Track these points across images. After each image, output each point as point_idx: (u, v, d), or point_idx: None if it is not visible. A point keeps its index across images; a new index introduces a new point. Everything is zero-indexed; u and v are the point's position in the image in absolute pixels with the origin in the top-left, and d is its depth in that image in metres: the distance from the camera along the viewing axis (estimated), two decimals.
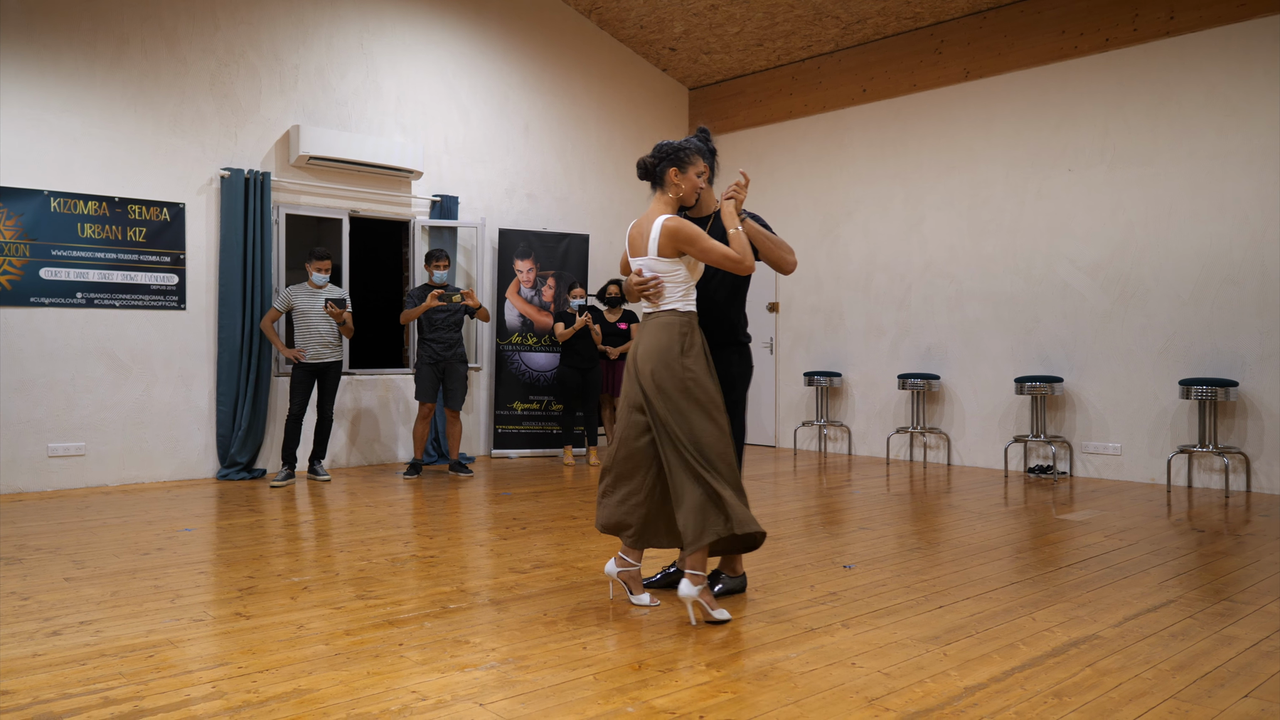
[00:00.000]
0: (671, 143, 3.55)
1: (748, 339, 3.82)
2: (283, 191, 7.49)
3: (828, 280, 9.13)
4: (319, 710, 2.57)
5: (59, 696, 2.68)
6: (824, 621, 3.41)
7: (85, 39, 6.61)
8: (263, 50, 7.40)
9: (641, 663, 2.97)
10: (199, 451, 7.11)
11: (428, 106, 8.32)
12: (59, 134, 6.52)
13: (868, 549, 4.67)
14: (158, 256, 6.91)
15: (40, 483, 6.45)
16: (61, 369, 6.52)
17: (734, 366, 3.70)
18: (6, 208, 6.30)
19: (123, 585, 3.93)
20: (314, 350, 6.87)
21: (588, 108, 9.45)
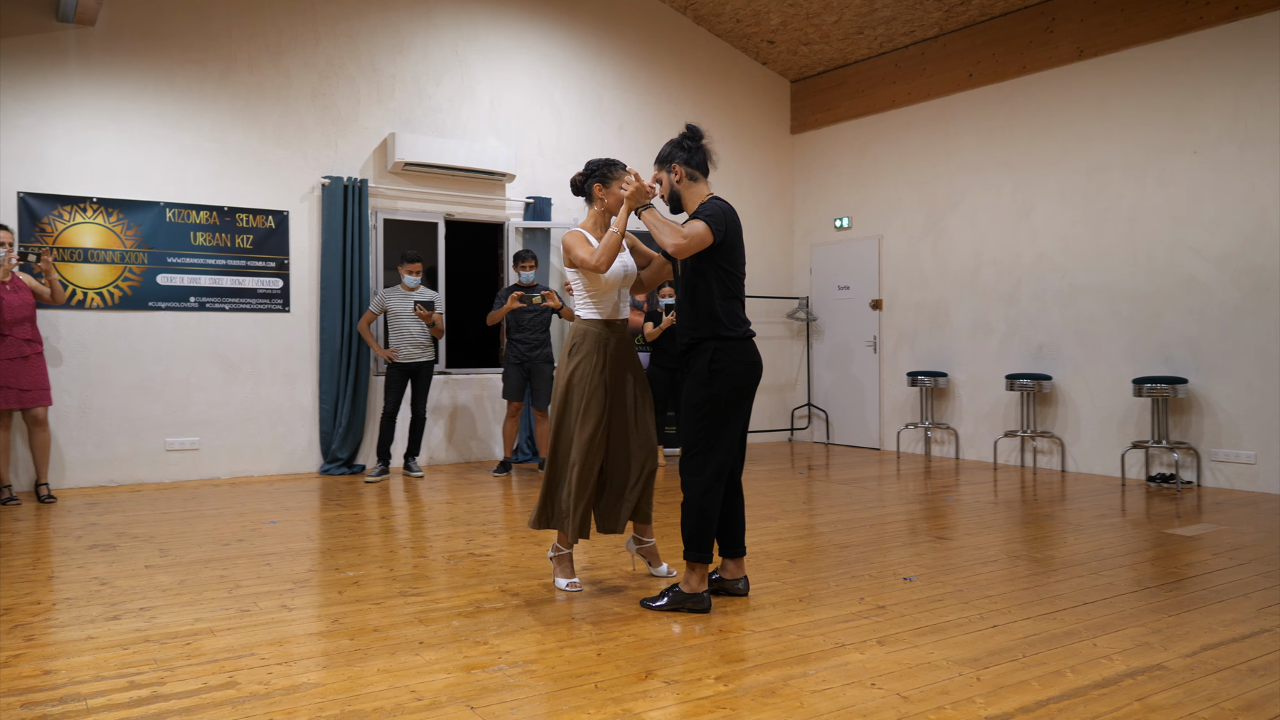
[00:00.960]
0: (598, 160, 3.84)
1: (734, 333, 3.52)
2: (380, 197, 7.75)
3: (933, 275, 8.74)
4: (316, 705, 2.62)
5: (92, 679, 2.83)
6: (859, 637, 3.24)
7: (197, 58, 7.02)
8: (361, 61, 7.68)
9: (650, 673, 2.89)
10: (303, 447, 7.44)
11: (521, 110, 8.44)
12: (173, 149, 6.95)
13: (938, 560, 4.43)
14: (263, 262, 7.28)
15: (159, 475, 6.90)
16: (177, 368, 6.95)
17: (713, 362, 3.50)
18: (127, 219, 6.76)
19: (192, 574, 4.13)
20: (406, 351, 7.07)
21: (684, 105, 9.38)
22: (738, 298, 3.57)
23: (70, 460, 6.58)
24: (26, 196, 6.44)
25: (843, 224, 9.61)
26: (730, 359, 3.50)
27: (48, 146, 6.52)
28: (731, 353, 3.50)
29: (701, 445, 3.51)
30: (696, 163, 3.65)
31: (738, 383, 3.51)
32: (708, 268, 3.53)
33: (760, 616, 3.49)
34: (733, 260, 3.56)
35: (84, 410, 6.62)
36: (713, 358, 3.50)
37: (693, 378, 3.56)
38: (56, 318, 6.52)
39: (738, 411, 3.54)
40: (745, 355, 3.54)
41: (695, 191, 3.65)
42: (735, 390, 3.51)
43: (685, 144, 3.65)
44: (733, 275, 3.55)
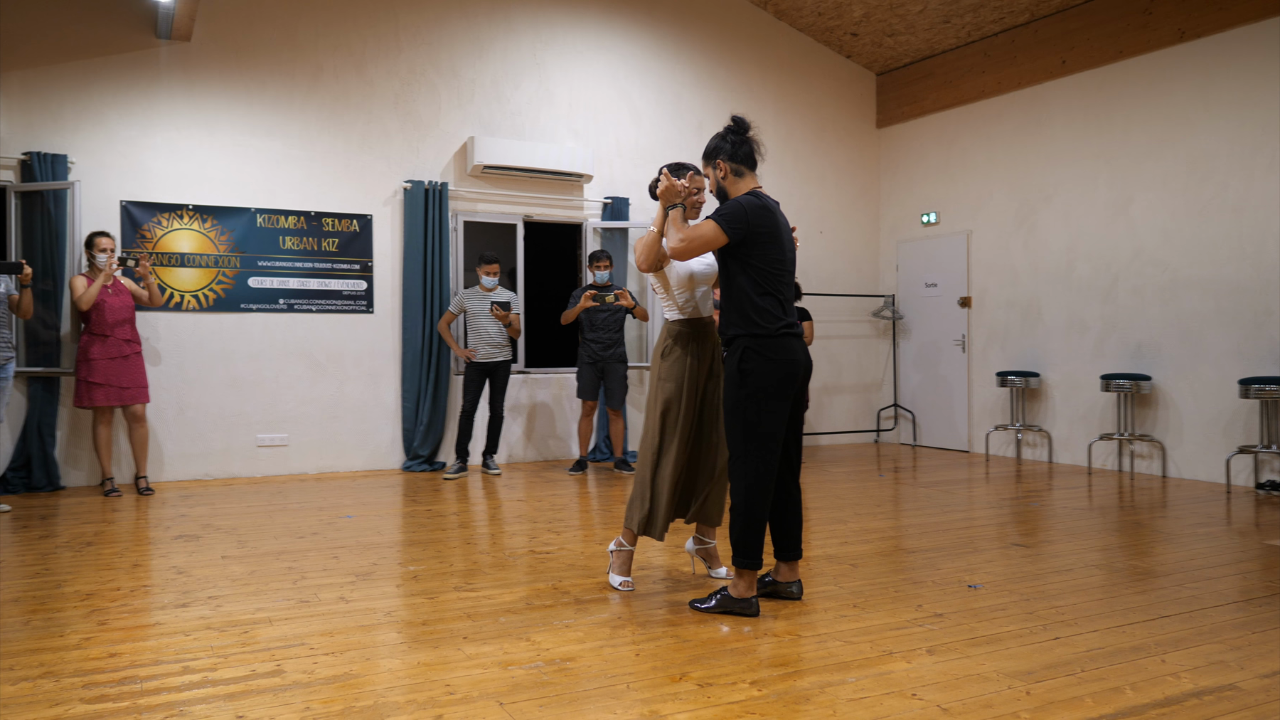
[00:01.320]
0: (671, 164, 3.78)
1: (765, 330, 3.40)
2: (460, 200, 7.90)
3: (1024, 271, 8.40)
4: (352, 695, 2.68)
5: (151, 663, 2.96)
6: (908, 645, 3.13)
7: (285, 69, 7.30)
8: (441, 68, 7.85)
9: (685, 675, 2.85)
10: (387, 444, 7.65)
11: (599, 111, 8.49)
12: (263, 157, 7.24)
13: (1010, 568, 4.25)
14: (348, 264, 7.51)
15: (250, 469, 7.19)
16: (267, 368, 7.24)
17: (743, 362, 3.43)
18: (220, 224, 7.07)
19: (263, 565, 4.29)
20: (484, 350, 7.19)
21: (764, 102, 9.27)
22: (773, 294, 3.45)
23: (168, 455, 6.92)
24: (129, 205, 6.80)
25: (930, 219, 9.34)
26: (761, 358, 3.40)
27: (147, 157, 6.87)
28: (763, 351, 3.40)
29: (740, 449, 3.45)
30: (742, 156, 3.55)
31: (768, 382, 3.40)
32: (736, 266, 3.47)
33: (809, 621, 3.41)
34: (765, 256, 3.44)
35: (181, 407, 6.96)
36: (743, 357, 3.43)
37: (727, 379, 3.51)
38: (156, 319, 6.87)
39: (773, 412, 3.42)
40: (776, 353, 3.42)
41: (739, 187, 3.57)
42: (767, 390, 3.40)
43: (730, 137, 3.56)
44: (765, 271, 3.44)
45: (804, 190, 9.49)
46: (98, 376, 6.15)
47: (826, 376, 9.57)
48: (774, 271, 3.46)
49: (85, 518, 5.48)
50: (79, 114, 6.67)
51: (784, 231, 3.54)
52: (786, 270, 3.52)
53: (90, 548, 4.67)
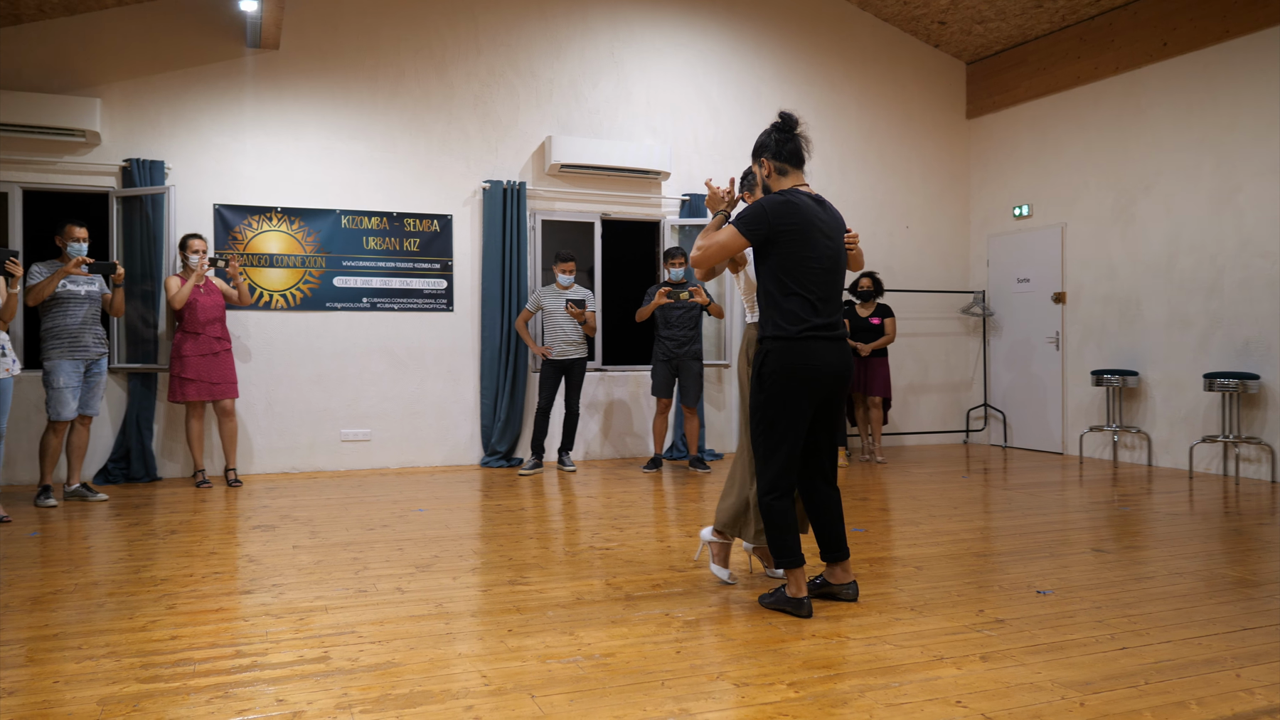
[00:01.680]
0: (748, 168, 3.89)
1: (787, 332, 3.33)
2: (538, 199, 7.98)
3: (1122, 265, 8.00)
4: (390, 683, 2.71)
5: (207, 645, 3.07)
6: (962, 651, 3.00)
7: (368, 74, 7.50)
8: (520, 69, 7.94)
9: (723, 674, 2.80)
10: (466, 440, 7.78)
11: (677, 107, 8.45)
12: (348, 160, 7.45)
13: (1087, 574, 4.04)
14: (429, 264, 7.67)
15: (335, 463, 7.41)
16: (351, 365, 7.45)
17: (764, 365, 3.40)
18: (307, 226, 7.31)
19: (330, 556, 4.40)
20: (559, 348, 7.24)
21: (848, 95, 9.07)
22: (800, 294, 3.33)
23: (257, 449, 7.19)
24: (221, 208, 7.09)
25: (1022, 212, 8.99)
26: (779, 361, 3.32)
27: (239, 161, 7.15)
28: (783, 354, 3.32)
29: (760, 452, 3.41)
30: (787, 154, 3.47)
31: (786, 385, 3.32)
32: (764, 268, 3.41)
33: (863, 623, 3.30)
34: (790, 255, 3.33)
35: (270, 403, 7.22)
36: (764, 360, 3.38)
37: (750, 381, 3.50)
38: (246, 318, 7.14)
39: (791, 416, 3.34)
40: (795, 356, 3.31)
41: (781, 185, 3.49)
42: (784, 393, 3.33)
43: (775, 135, 3.48)
44: (792, 271, 3.34)
45: (889, 184, 9.25)
46: (190, 372, 6.43)
47: (912, 375, 9.32)
48: (802, 270, 3.34)
49: (174, 508, 5.74)
50: (175, 122, 6.99)
51: (818, 228, 3.38)
52: (818, 269, 3.37)
53: (174, 536, 4.88)
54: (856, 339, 7.99)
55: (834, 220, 3.49)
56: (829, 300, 3.39)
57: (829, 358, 3.35)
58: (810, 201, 3.42)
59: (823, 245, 3.39)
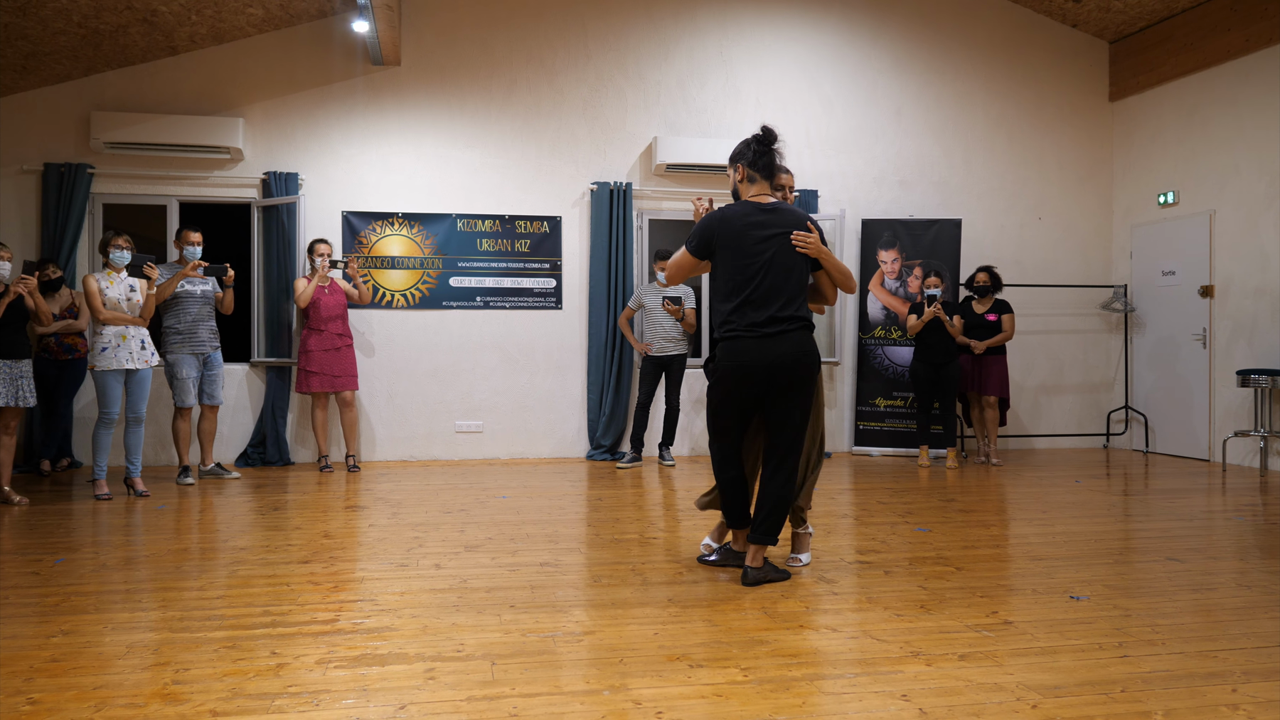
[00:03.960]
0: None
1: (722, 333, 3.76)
2: (645, 199, 8.14)
3: (1275, 255, 7.28)
4: (377, 645, 2.94)
5: (243, 605, 3.41)
6: (946, 649, 2.91)
7: (483, 84, 7.91)
8: (628, 72, 8.13)
9: (685, 655, 2.85)
10: (573, 433, 8.05)
11: (787, 103, 8.40)
12: (463, 166, 7.89)
13: (1138, 582, 3.77)
14: (539, 264, 7.99)
15: (449, 453, 7.86)
16: (465, 360, 7.87)
17: (710, 359, 3.89)
18: (425, 229, 7.79)
19: (395, 534, 4.73)
20: (659, 344, 7.38)
21: (973, 82, 8.71)
22: (734, 297, 3.67)
23: (379, 438, 7.73)
24: (349, 214, 7.68)
25: (1167, 200, 8.34)
26: (720, 356, 3.74)
27: (364, 171, 7.72)
28: (722, 351, 3.73)
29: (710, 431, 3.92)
30: (761, 165, 3.76)
31: (720, 378, 3.74)
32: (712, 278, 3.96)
33: (861, 618, 3.25)
34: (727, 262, 3.68)
35: (390, 395, 7.75)
36: (711, 355, 3.85)
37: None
38: (370, 316, 7.70)
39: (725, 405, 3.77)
40: (727, 353, 3.70)
41: (750, 193, 3.79)
42: (719, 385, 3.76)
43: (754, 146, 3.76)
44: (730, 276, 3.67)
45: (1019, 174, 8.80)
46: (314, 366, 7.01)
47: (1045, 375, 8.82)
48: (736, 274, 3.66)
49: (290, 489, 6.28)
50: (308, 136, 7.64)
51: (752, 235, 3.64)
52: (751, 271, 3.64)
53: (274, 513, 5.37)
54: (971, 336, 7.67)
55: (784, 224, 3.68)
56: (768, 299, 3.63)
57: (754, 355, 3.63)
58: (753, 210, 3.69)
59: (757, 250, 3.65)
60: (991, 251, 8.67)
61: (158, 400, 7.21)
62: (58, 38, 6.45)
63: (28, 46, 6.46)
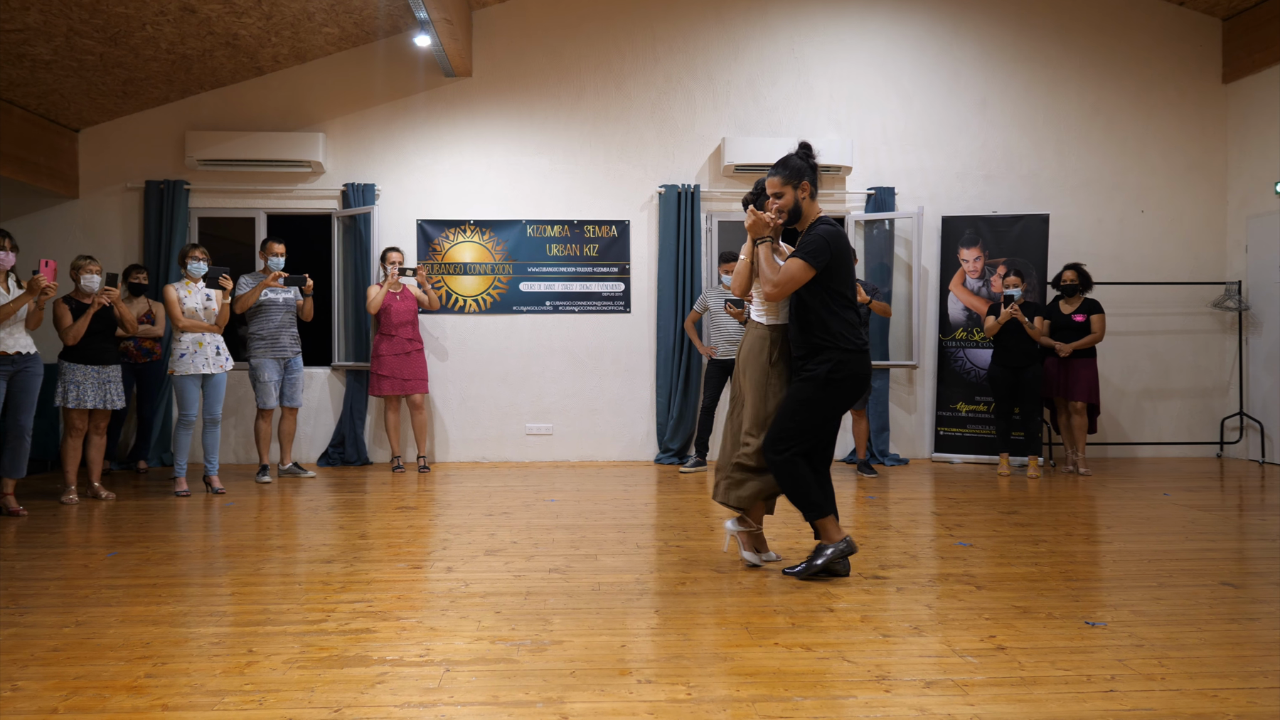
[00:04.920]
0: (763, 178, 4.06)
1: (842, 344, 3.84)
2: (714, 201, 8.07)
3: None
4: (348, 645, 3.02)
5: (248, 603, 3.56)
6: (912, 675, 2.76)
7: (551, 91, 8.01)
8: (697, 74, 8.08)
9: (642, 669, 2.81)
10: (641, 437, 8.06)
11: (863, 98, 8.16)
12: (533, 173, 8.01)
13: (1176, 609, 3.48)
14: (607, 268, 8.03)
15: (520, 455, 8.00)
16: (535, 364, 8.00)
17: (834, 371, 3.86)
18: (496, 236, 7.96)
19: (427, 535, 4.84)
20: (723, 347, 7.31)
21: (1067, 69, 8.24)
22: (851, 309, 3.85)
23: (453, 439, 7.94)
24: (423, 223, 7.92)
25: None
26: (849, 368, 3.80)
27: (438, 180, 7.95)
28: (852, 363, 3.81)
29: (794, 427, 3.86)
30: (815, 182, 3.94)
31: (846, 387, 3.83)
32: (818, 288, 3.81)
33: (842, 638, 3.12)
34: (839, 275, 3.81)
35: (463, 398, 7.95)
36: (834, 366, 3.79)
37: (808, 381, 3.83)
38: (443, 321, 7.92)
39: (838, 411, 3.93)
40: (860, 365, 3.85)
41: (812, 209, 3.93)
42: (842, 394, 3.85)
43: (810, 163, 3.91)
44: (838, 289, 3.81)
45: (1119, 164, 8.27)
46: (385, 370, 7.26)
47: (1149, 379, 8.26)
48: (851, 288, 3.84)
49: (355, 489, 6.53)
50: (385, 148, 7.92)
51: (849, 251, 3.91)
52: (853, 287, 3.89)
53: (330, 512, 5.59)
54: (1057, 338, 7.25)
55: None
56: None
57: (868, 367, 3.93)
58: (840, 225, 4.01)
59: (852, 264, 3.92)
60: (1087, 248, 8.17)
61: (245, 402, 7.63)
62: (150, 64, 6.91)
63: (124, 74, 6.94)
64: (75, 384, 5.75)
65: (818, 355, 3.82)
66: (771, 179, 3.94)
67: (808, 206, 3.92)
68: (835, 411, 3.89)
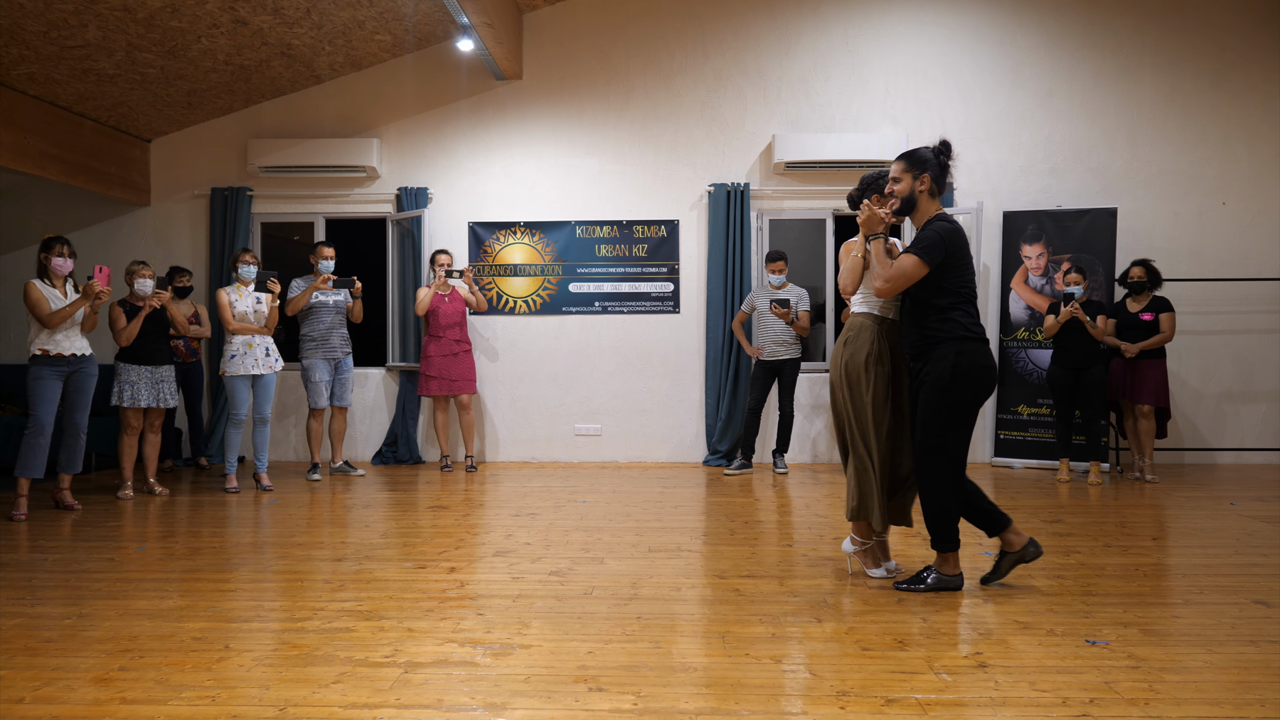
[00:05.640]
0: (873, 173, 3.97)
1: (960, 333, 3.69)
2: (765, 199, 7.94)
3: None
4: (321, 643, 3.07)
5: (243, 599, 3.66)
6: (876, 692, 2.64)
7: (600, 92, 8.01)
8: (747, 70, 7.96)
9: (598, 677, 2.76)
10: (691, 438, 7.99)
11: (921, 91, 7.90)
12: (582, 174, 8.03)
13: (1195, 628, 3.24)
14: (656, 268, 7.99)
15: (569, 455, 8.03)
16: (584, 364, 8.01)
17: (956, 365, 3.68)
18: (546, 237, 8.01)
19: (442, 536, 4.89)
20: (770, 348, 7.18)
21: (1138, 55, 7.81)
22: (971, 303, 3.74)
23: (503, 439, 8.03)
24: (474, 225, 8.03)
25: None
26: (973, 359, 3.64)
27: (488, 183, 8.04)
28: (974, 353, 3.66)
29: (944, 440, 3.68)
30: (941, 181, 3.79)
31: (976, 380, 3.65)
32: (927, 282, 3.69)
33: (816, 649, 3.02)
34: (957, 269, 3.70)
35: (513, 398, 8.02)
36: (957, 359, 3.64)
37: (939, 383, 3.66)
38: (494, 322, 8.01)
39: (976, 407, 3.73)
40: (984, 355, 3.69)
41: (930, 206, 3.78)
42: (975, 388, 3.67)
43: (941, 159, 3.77)
44: (957, 282, 3.69)
45: (1195, 156, 7.80)
46: (433, 370, 7.38)
47: (1231, 380, 7.76)
48: (970, 282, 3.73)
49: (399, 487, 6.66)
50: (437, 152, 8.06)
51: (967, 246, 3.77)
52: (973, 281, 3.79)
53: (364, 510, 5.71)
54: (1124, 338, 6.89)
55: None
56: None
57: (992, 359, 3.75)
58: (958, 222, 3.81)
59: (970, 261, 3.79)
60: (1163, 243, 7.72)
61: (303, 401, 7.87)
62: (210, 75, 7.19)
63: (187, 85, 7.24)
64: (130, 384, 6.03)
65: (935, 350, 3.66)
66: (895, 163, 3.82)
67: (925, 203, 3.77)
68: (972, 410, 3.68)
